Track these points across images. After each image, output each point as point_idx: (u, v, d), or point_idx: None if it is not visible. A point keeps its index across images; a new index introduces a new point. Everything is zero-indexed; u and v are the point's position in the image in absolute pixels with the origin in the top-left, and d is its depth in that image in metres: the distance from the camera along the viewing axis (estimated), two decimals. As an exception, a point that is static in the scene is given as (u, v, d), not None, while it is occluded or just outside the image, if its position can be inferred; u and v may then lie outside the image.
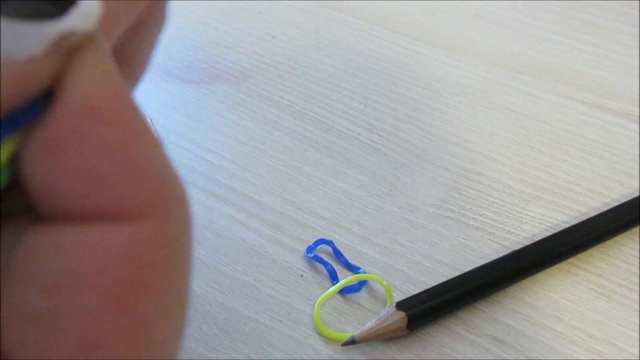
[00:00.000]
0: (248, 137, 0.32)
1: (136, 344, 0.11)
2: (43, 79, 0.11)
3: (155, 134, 0.12)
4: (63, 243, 0.11)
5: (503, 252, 0.27)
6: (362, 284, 0.26)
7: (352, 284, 0.26)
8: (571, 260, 0.27)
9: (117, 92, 0.12)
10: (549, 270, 0.27)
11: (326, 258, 0.27)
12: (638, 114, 0.34)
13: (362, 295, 0.26)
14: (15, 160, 0.11)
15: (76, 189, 0.11)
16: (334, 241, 0.27)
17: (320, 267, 0.27)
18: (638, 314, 0.26)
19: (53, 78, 0.11)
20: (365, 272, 0.27)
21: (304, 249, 0.27)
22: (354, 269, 0.27)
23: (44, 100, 0.11)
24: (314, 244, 0.27)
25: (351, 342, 0.24)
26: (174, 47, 0.37)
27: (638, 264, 0.27)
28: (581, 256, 0.28)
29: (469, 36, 0.38)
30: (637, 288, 0.27)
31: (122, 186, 0.11)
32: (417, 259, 0.27)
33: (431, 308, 0.25)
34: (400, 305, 0.25)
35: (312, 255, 0.27)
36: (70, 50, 0.11)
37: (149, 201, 0.12)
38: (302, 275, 0.27)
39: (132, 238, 0.11)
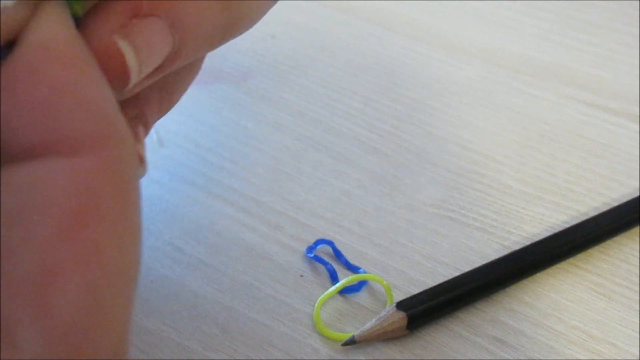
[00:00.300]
0: (248, 137, 0.32)
1: (91, 266, 0.12)
2: (11, 29, 0.12)
3: (103, 77, 0.14)
4: (13, 181, 0.12)
5: (503, 252, 0.27)
6: (362, 284, 0.26)
7: (352, 284, 0.26)
8: (571, 260, 0.27)
9: (71, 36, 0.13)
10: (549, 270, 0.27)
11: (326, 258, 0.27)
12: (638, 114, 0.34)
13: (362, 295, 0.26)
14: None
15: (26, 122, 0.12)
16: (334, 241, 0.27)
17: (320, 267, 0.27)
18: (638, 314, 0.26)
19: (19, 28, 0.13)
20: (365, 272, 0.27)
21: (304, 249, 0.27)
22: (354, 269, 0.27)
23: (7, 49, 0.13)
24: (314, 244, 0.27)
25: (351, 342, 0.24)
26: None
27: (638, 264, 0.27)
28: (581, 256, 0.28)
29: (469, 36, 0.38)
30: (637, 288, 0.27)
31: (67, 120, 0.12)
32: (417, 259, 0.27)
33: (431, 308, 0.25)
34: (400, 305, 0.25)
35: (312, 255, 0.27)
36: (36, 4, 0.13)
37: (91, 135, 0.13)
38: (302, 275, 0.27)
39: (76, 170, 0.12)
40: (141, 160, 0.19)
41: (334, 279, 0.26)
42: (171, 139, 0.32)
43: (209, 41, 0.17)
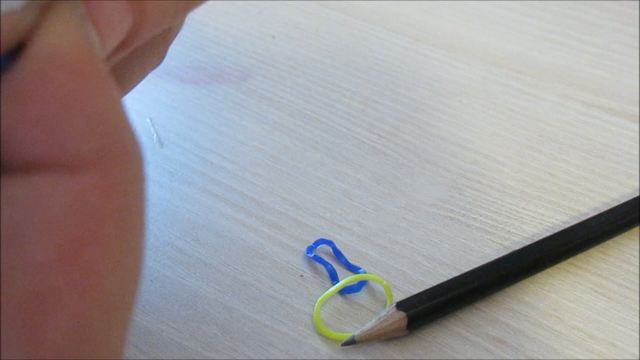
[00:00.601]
0: (248, 137, 0.32)
1: (85, 295, 0.12)
2: (19, 33, 0.12)
3: (115, 89, 0.13)
4: (13, 195, 0.11)
5: (503, 252, 0.27)
6: (362, 284, 0.26)
7: (352, 284, 0.26)
8: (571, 260, 0.27)
9: (82, 45, 0.12)
10: (549, 270, 0.27)
11: (326, 258, 0.27)
12: (638, 114, 0.34)
13: (362, 295, 0.26)
14: None
15: (30, 135, 0.11)
16: (334, 241, 0.27)
17: (320, 267, 0.27)
18: (638, 314, 0.26)
19: (28, 32, 0.12)
20: (365, 272, 0.27)
21: (304, 249, 0.27)
22: (354, 269, 0.27)
23: (15, 53, 0.12)
24: (314, 244, 0.27)
25: (351, 342, 0.24)
26: (174, 47, 0.37)
27: (638, 264, 0.27)
28: (581, 256, 0.28)
29: (469, 36, 0.38)
30: (637, 288, 0.27)
31: (74, 135, 0.12)
32: (417, 259, 0.27)
33: (431, 308, 0.25)
34: (400, 305, 0.25)
35: (312, 255, 0.27)
36: (45, 6, 0.12)
37: (98, 152, 0.12)
38: (302, 275, 0.27)
39: (79, 189, 0.12)
40: None
41: (334, 279, 0.26)
42: (171, 139, 0.32)
43: (171, 12, 0.16)
